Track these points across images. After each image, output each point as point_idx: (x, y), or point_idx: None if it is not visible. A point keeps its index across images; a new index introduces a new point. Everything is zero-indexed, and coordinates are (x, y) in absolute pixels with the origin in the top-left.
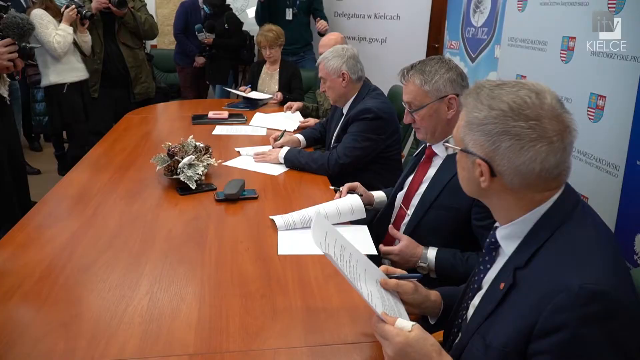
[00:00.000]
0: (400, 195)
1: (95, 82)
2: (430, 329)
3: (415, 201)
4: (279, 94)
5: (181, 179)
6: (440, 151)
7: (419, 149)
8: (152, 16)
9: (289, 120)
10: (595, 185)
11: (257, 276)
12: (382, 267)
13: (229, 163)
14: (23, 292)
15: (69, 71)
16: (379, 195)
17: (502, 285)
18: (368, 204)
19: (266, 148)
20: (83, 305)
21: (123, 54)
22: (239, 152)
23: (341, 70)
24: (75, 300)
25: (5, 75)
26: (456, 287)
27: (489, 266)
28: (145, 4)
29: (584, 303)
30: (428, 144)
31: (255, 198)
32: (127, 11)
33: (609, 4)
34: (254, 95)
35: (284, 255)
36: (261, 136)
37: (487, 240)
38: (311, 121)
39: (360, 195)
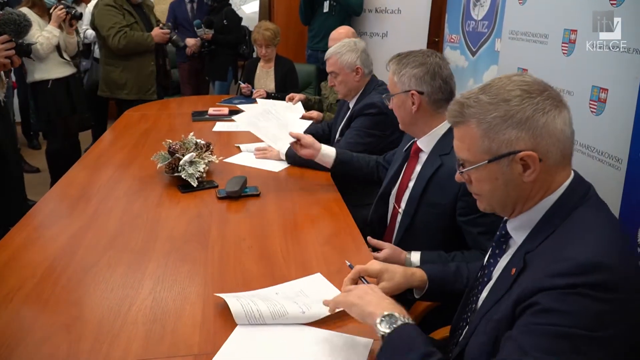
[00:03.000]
0: (394, 192)
1: (152, 84)
2: (436, 325)
3: (405, 198)
4: (262, 91)
5: (182, 176)
6: (424, 146)
7: (409, 144)
8: None
9: (291, 111)
10: (598, 179)
11: (261, 274)
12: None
13: (230, 160)
14: (24, 293)
15: (53, 67)
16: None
17: (513, 271)
18: None
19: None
20: (86, 307)
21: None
22: (239, 147)
23: (355, 65)
24: (78, 301)
25: (4, 77)
26: (442, 266)
27: (499, 258)
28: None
29: (584, 272)
30: (415, 139)
31: (257, 195)
32: None
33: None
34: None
35: (289, 253)
36: None
37: (497, 233)
38: (314, 113)
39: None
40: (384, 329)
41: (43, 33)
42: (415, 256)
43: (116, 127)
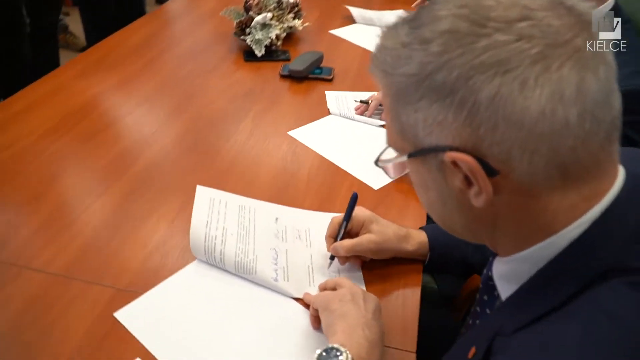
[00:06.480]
0: None
1: None
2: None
3: None
4: None
5: (247, 41)
6: None
7: None
8: None
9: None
10: None
11: (266, 189)
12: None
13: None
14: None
15: None
16: None
17: (471, 353)
18: None
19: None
20: (49, 192)
21: None
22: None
23: None
24: (46, 180)
25: None
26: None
27: (488, 310)
28: None
29: None
30: None
31: (329, 80)
32: None
33: None
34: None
35: (317, 177)
36: None
37: (484, 272)
38: None
39: None
40: None
41: None
42: None
43: None
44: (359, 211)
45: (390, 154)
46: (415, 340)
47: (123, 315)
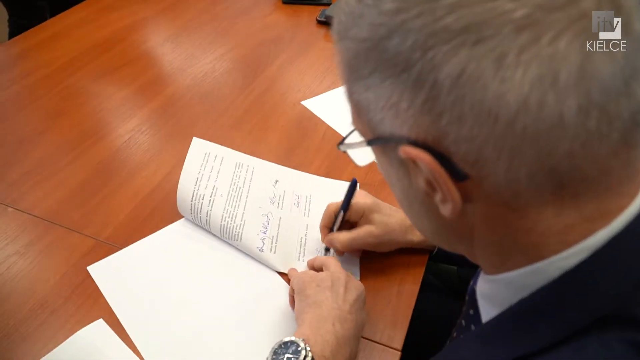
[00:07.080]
0: None
1: None
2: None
3: None
4: None
5: None
6: None
7: None
8: None
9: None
10: None
11: (274, 149)
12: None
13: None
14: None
15: None
16: None
17: None
18: None
19: None
20: (52, 129)
21: None
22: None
23: None
24: (53, 115)
25: None
26: None
27: (473, 326)
28: None
29: None
30: None
31: None
32: None
33: None
34: None
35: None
36: None
37: (470, 284)
38: None
39: None
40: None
41: None
42: None
43: None
44: (360, 197)
45: (356, 137)
46: (403, 338)
47: (96, 270)
